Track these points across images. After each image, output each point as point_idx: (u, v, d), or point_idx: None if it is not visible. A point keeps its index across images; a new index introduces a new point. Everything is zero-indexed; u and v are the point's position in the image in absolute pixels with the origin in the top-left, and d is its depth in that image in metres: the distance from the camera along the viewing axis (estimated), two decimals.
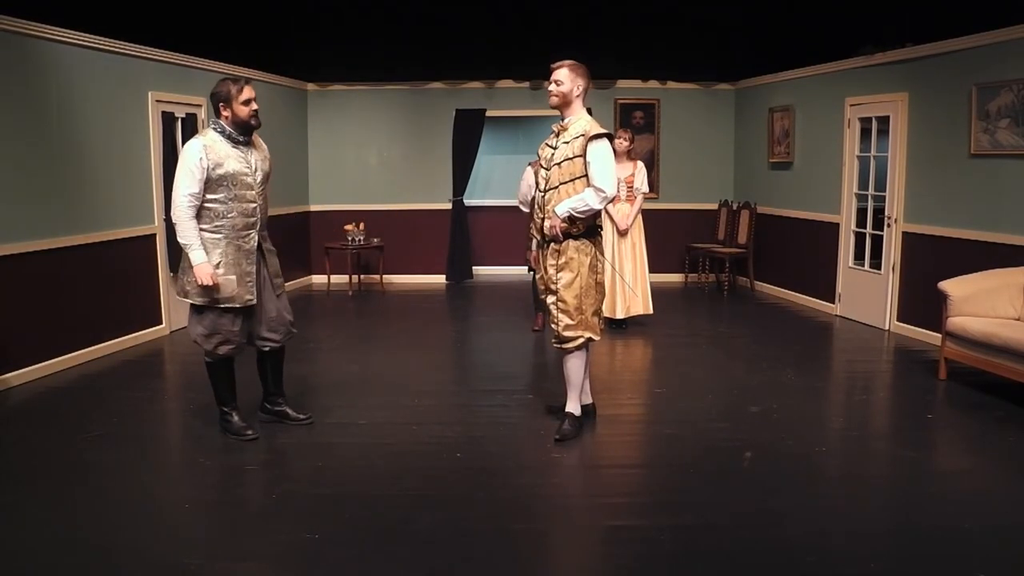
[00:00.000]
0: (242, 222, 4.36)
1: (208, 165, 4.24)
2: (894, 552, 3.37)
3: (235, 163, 4.31)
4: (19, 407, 5.23)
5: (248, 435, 4.57)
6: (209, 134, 4.34)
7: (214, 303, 4.35)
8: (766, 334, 7.42)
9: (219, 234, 4.32)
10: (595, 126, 4.42)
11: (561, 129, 4.53)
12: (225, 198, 4.30)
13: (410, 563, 3.27)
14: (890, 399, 5.69)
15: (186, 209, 4.25)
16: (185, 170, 4.25)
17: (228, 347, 4.46)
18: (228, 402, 4.63)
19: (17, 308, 5.62)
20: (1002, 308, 5.58)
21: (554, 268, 4.52)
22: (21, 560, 3.28)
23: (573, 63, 4.49)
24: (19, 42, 5.59)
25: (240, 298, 4.38)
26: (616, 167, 7.57)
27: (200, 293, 4.33)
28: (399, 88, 10.35)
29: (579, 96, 4.48)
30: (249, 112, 4.31)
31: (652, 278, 7.61)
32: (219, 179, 4.26)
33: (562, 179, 4.44)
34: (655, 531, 3.52)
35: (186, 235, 4.28)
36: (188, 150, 4.28)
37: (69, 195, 6.09)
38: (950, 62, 6.65)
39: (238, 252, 4.37)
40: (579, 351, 4.61)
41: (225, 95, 4.29)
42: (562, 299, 4.50)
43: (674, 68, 10.24)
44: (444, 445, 4.56)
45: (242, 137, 4.35)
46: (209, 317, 4.39)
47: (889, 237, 7.42)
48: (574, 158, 4.40)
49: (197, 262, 4.26)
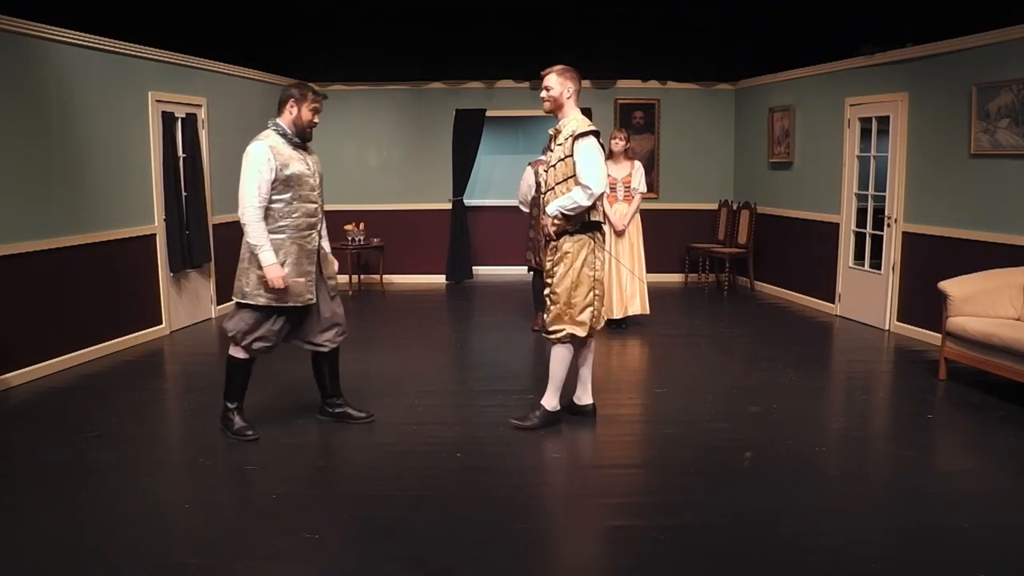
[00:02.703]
0: (304, 222, 4.42)
1: (275, 166, 4.28)
2: (894, 552, 3.37)
3: (298, 164, 4.38)
4: (19, 407, 5.24)
5: (248, 435, 4.58)
6: (271, 136, 4.37)
7: (279, 302, 4.38)
8: (766, 334, 7.42)
9: (283, 234, 4.36)
10: (583, 125, 4.53)
11: (556, 132, 4.65)
12: (290, 199, 4.35)
13: (410, 563, 3.27)
14: (890, 399, 5.69)
15: (256, 210, 4.28)
16: (253, 171, 4.27)
17: (264, 345, 4.51)
18: (236, 399, 4.64)
19: (17, 308, 5.62)
20: (1002, 308, 5.58)
21: (551, 263, 4.67)
22: (21, 560, 3.28)
23: (562, 67, 4.63)
24: (19, 42, 5.59)
25: (301, 296, 4.43)
26: (613, 167, 7.62)
27: (263, 293, 4.35)
28: (399, 88, 10.35)
29: (570, 98, 4.61)
30: (312, 119, 4.43)
31: (652, 278, 7.62)
32: (285, 180, 4.32)
33: (556, 179, 4.58)
34: (655, 531, 3.52)
35: (257, 236, 4.29)
36: (255, 152, 4.29)
37: (69, 195, 6.09)
38: (950, 62, 6.65)
39: (300, 252, 4.42)
40: (563, 345, 4.67)
41: (299, 95, 4.39)
42: (553, 291, 4.64)
43: (674, 68, 10.24)
44: (444, 445, 4.56)
45: (300, 140, 4.44)
46: (257, 315, 4.42)
47: (889, 237, 7.42)
48: (566, 158, 4.52)
49: (268, 263, 4.28)
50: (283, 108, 4.42)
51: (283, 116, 4.42)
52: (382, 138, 10.50)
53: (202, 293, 7.90)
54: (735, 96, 10.48)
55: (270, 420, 4.91)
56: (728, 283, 9.47)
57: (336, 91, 10.30)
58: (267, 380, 5.87)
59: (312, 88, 4.47)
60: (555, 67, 4.63)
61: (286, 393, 5.53)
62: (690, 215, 10.44)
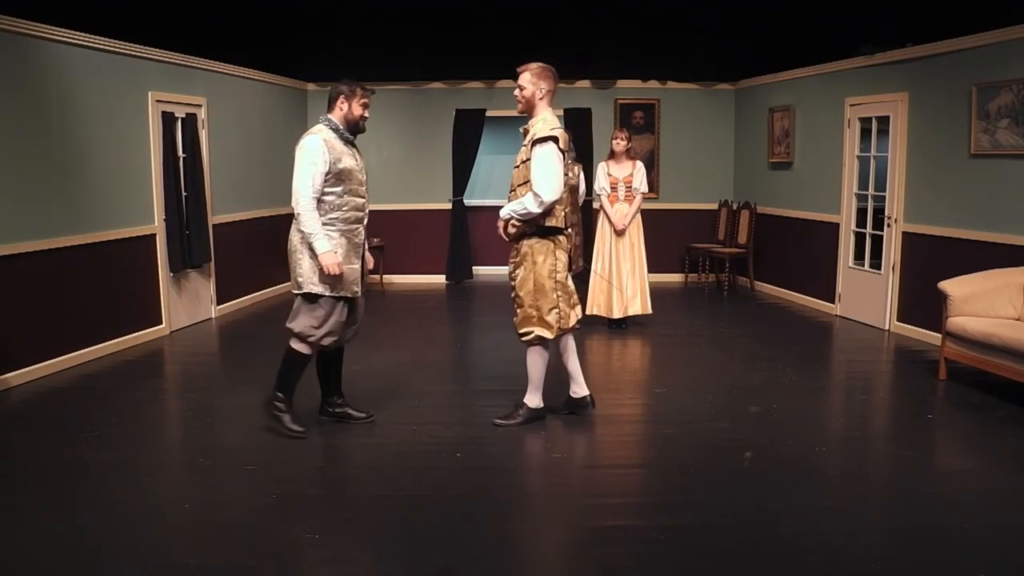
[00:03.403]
0: (353, 216, 4.49)
1: (329, 159, 4.33)
2: (894, 552, 3.36)
3: (349, 159, 4.45)
4: (19, 407, 5.23)
5: (300, 432, 4.58)
6: (324, 131, 4.43)
7: (334, 290, 4.42)
8: (766, 334, 7.42)
9: (333, 227, 4.41)
10: (545, 129, 4.49)
11: (524, 131, 4.66)
12: (341, 192, 4.41)
13: (410, 563, 3.27)
14: (890, 399, 5.68)
15: (311, 200, 4.32)
16: (307, 163, 4.31)
17: (332, 339, 4.55)
18: (291, 393, 4.66)
19: (17, 308, 5.62)
20: (1002, 308, 5.58)
21: (513, 265, 4.70)
22: (21, 560, 3.28)
23: (538, 66, 4.64)
24: (19, 42, 5.59)
25: (351, 288, 4.49)
26: (614, 167, 7.64)
27: (319, 282, 4.39)
28: (399, 88, 10.34)
29: (543, 99, 4.63)
30: (362, 114, 4.53)
31: (652, 278, 7.61)
32: (338, 174, 4.38)
33: (518, 181, 4.62)
34: (655, 531, 3.52)
35: (312, 225, 4.33)
36: (310, 145, 4.34)
37: (69, 195, 6.09)
38: (950, 62, 6.65)
39: (349, 244, 4.48)
40: (536, 347, 4.70)
41: (349, 91, 4.48)
42: (517, 294, 4.68)
43: (674, 68, 10.24)
44: (444, 445, 4.56)
45: (352, 135, 4.51)
46: (323, 308, 4.46)
47: (889, 237, 7.42)
48: (527, 161, 4.54)
49: (323, 250, 4.32)
50: (334, 105, 4.50)
51: (334, 112, 4.50)
52: (382, 138, 10.48)
53: (202, 293, 7.90)
54: (735, 96, 10.48)
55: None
56: (728, 283, 9.47)
57: None
58: (266, 380, 5.88)
59: (361, 84, 4.55)
60: (531, 65, 4.64)
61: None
62: (690, 215, 10.44)
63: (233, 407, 5.30)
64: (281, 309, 8.67)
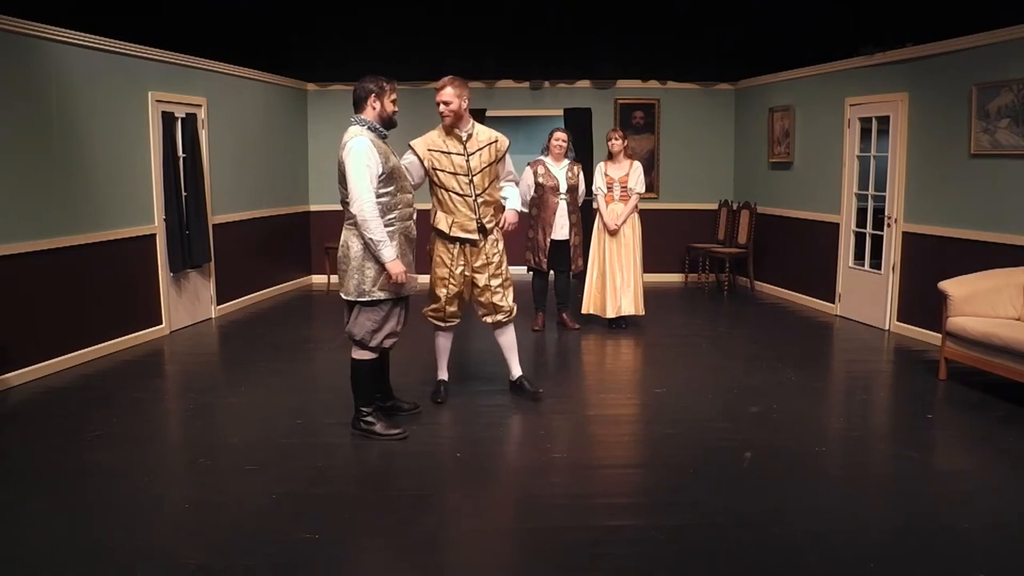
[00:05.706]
0: (406, 212, 4.52)
1: (380, 160, 4.32)
2: (894, 552, 3.36)
3: (393, 157, 4.45)
4: (19, 407, 5.24)
5: (399, 433, 4.59)
6: (366, 132, 4.39)
7: (395, 294, 4.45)
8: (766, 334, 7.42)
9: (392, 227, 4.41)
10: (496, 132, 5.09)
11: (468, 137, 4.94)
12: (394, 191, 4.42)
13: (410, 563, 3.27)
14: (890, 399, 5.69)
15: (375, 206, 4.30)
16: (362, 167, 4.27)
17: (393, 340, 4.60)
18: (369, 401, 4.66)
19: (17, 308, 5.62)
20: (1002, 308, 5.58)
21: (489, 255, 5.39)
22: (21, 560, 3.28)
23: (452, 79, 4.89)
24: (19, 42, 5.59)
25: (412, 287, 4.53)
26: (611, 167, 7.74)
27: (381, 287, 4.39)
28: (399, 88, 10.30)
29: (466, 108, 4.93)
30: (394, 109, 4.52)
31: (652, 278, 7.62)
32: (389, 173, 4.37)
33: (488, 179, 5.01)
34: (655, 531, 3.52)
35: (378, 233, 4.30)
36: (359, 148, 4.29)
37: (69, 195, 6.09)
38: (950, 62, 6.65)
39: (406, 241, 4.51)
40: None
41: (379, 89, 4.45)
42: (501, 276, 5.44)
43: (674, 68, 10.23)
44: (444, 445, 4.56)
45: (387, 132, 4.49)
46: (382, 311, 4.48)
47: (889, 237, 7.43)
48: (493, 163, 4.96)
49: (390, 259, 4.33)
50: (364, 105, 4.44)
51: (366, 112, 4.44)
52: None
53: (202, 293, 7.90)
54: (735, 96, 10.48)
55: (269, 420, 4.91)
56: (728, 283, 9.47)
57: (336, 91, 10.31)
58: (267, 380, 5.88)
59: (385, 79, 4.52)
60: (446, 79, 4.86)
61: (285, 393, 5.53)
62: (690, 215, 10.44)
63: (233, 407, 5.31)
64: (281, 309, 8.68)
